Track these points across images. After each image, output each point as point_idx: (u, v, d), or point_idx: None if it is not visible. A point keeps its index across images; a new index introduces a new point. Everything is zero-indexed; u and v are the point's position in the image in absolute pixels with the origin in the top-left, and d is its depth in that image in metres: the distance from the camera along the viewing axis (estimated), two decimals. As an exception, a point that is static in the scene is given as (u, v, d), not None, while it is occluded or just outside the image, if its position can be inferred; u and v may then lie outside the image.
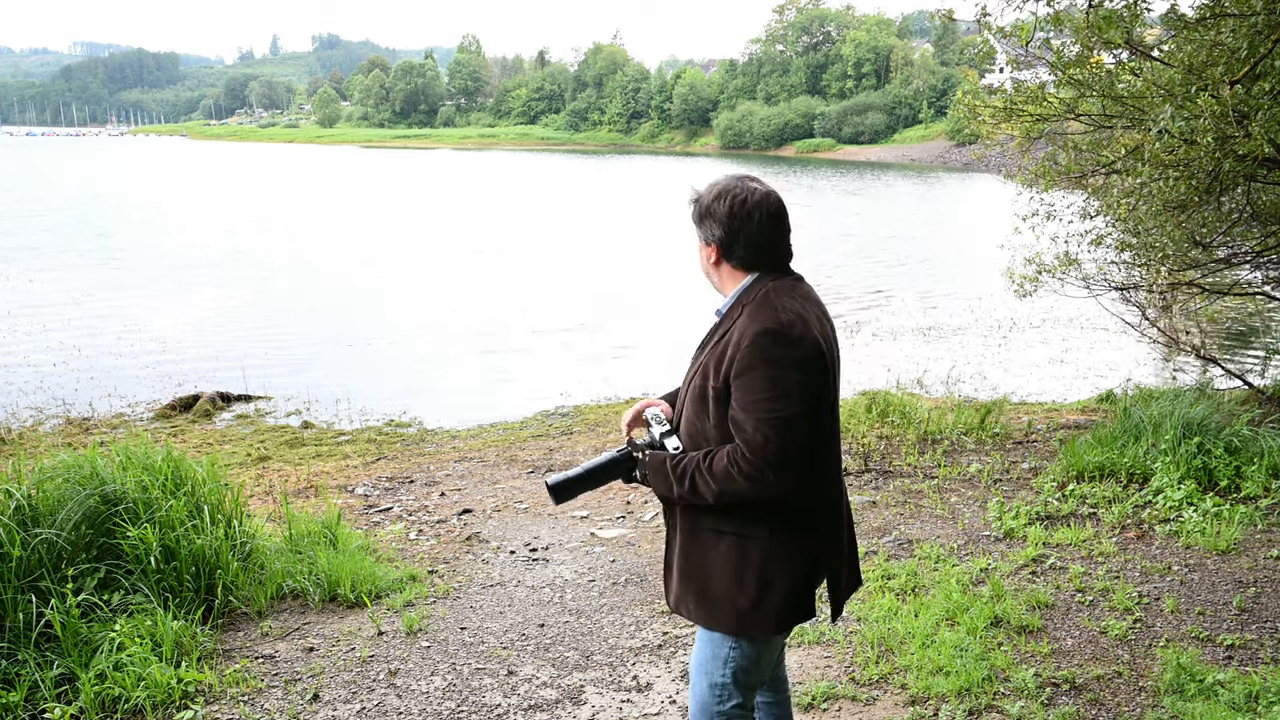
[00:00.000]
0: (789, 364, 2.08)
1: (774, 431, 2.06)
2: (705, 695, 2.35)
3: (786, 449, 2.07)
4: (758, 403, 2.07)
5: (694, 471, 2.17)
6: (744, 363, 2.09)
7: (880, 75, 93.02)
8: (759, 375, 2.08)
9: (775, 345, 2.08)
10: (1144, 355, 11.48)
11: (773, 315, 2.11)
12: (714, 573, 2.26)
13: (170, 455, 4.36)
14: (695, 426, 2.26)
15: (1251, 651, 3.73)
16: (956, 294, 16.79)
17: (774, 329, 2.09)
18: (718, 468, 2.13)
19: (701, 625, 2.34)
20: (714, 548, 2.26)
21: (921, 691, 3.47)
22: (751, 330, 2.10)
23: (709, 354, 2.22)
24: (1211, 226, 6.58)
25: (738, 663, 2.31)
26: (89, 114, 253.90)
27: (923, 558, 4.75)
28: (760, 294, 2.20)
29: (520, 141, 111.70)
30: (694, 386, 2.25)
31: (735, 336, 2.14)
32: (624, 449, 2.34)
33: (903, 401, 7.68)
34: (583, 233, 27.97)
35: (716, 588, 2.26)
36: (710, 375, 2.18)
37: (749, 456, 2.07)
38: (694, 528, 2.29)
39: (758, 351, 2.08)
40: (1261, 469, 5.41)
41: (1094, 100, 5.58)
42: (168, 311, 15.31)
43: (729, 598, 2.25)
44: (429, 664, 3.81)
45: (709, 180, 2.31)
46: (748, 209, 2.19)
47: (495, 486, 6.61)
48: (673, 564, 2.39)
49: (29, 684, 3.34)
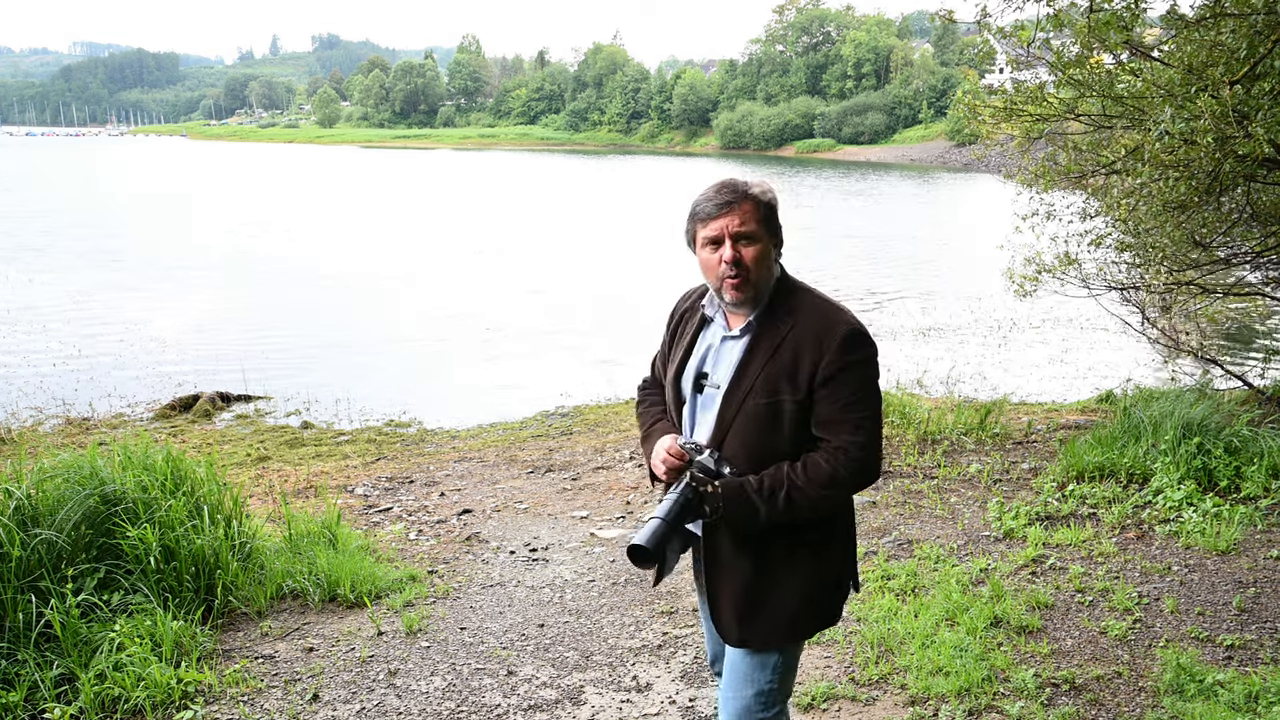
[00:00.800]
0: (873, 361, 2.16)
1: (871, 427, 2.12)
2: (751, 703, 2.29)
3: (879, 441, 2.15)
4: (856, 403, 2.10)
5: (787, 486, 2.09)
6: (837, 366, 2.09)
7: (880, 75, 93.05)
8: (855, 375, 2.11)
9: (864, 345, 2.13)
10: (1144, 355, 11.48)
11: (847, 316, 2.15)
12: (793, 590, 2.22)
13: (170, 455, 4.36)
14: (762, 446, 2.15)
15: (1251, 651, 3.73)
16: (956, 294, 16.79)
17: (860, 330, 2.13)
18: (819, 474, 2.09)
19: (777, 648, 2.27)
20: (787, 564, 2.21)
21: (921, 691, 3.47)
22: (838, 334, 2.10)
23: (768, 369, 2.13)
24: (1211, 227, 6.58)
25: (784, 668, 2.29)
26: (89, 114, 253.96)
27: (922, 558, 4.75)
28: (802, 299, 2.18)
29: (520, 142, 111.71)
30: (756, 407, 2.14)
31: (808, 343, 2.11)
32: (689, 485, 2.12)
33: (903, 401, 7.68)
34: (583, 233, 27.97)
35: (798, 604, 2.23)
36: (784, 389, 2.11)
37: (855, 454, 2.09)
38: (763, 555, 2.21)
39: (851, 353, 2.10)
40: (1261, 469, 5.41)
41: (1094, 100, 5.58)
42: (168, 311, 15.31)
43: (808, 607, 2.24)
44: (429, 664, 3.81)
45: (732, 180, 2.19)
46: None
47: (495, 486, 6.61)
48: (737, 597, 2.24)
49: (29, 684, 3.34)
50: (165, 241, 24.28)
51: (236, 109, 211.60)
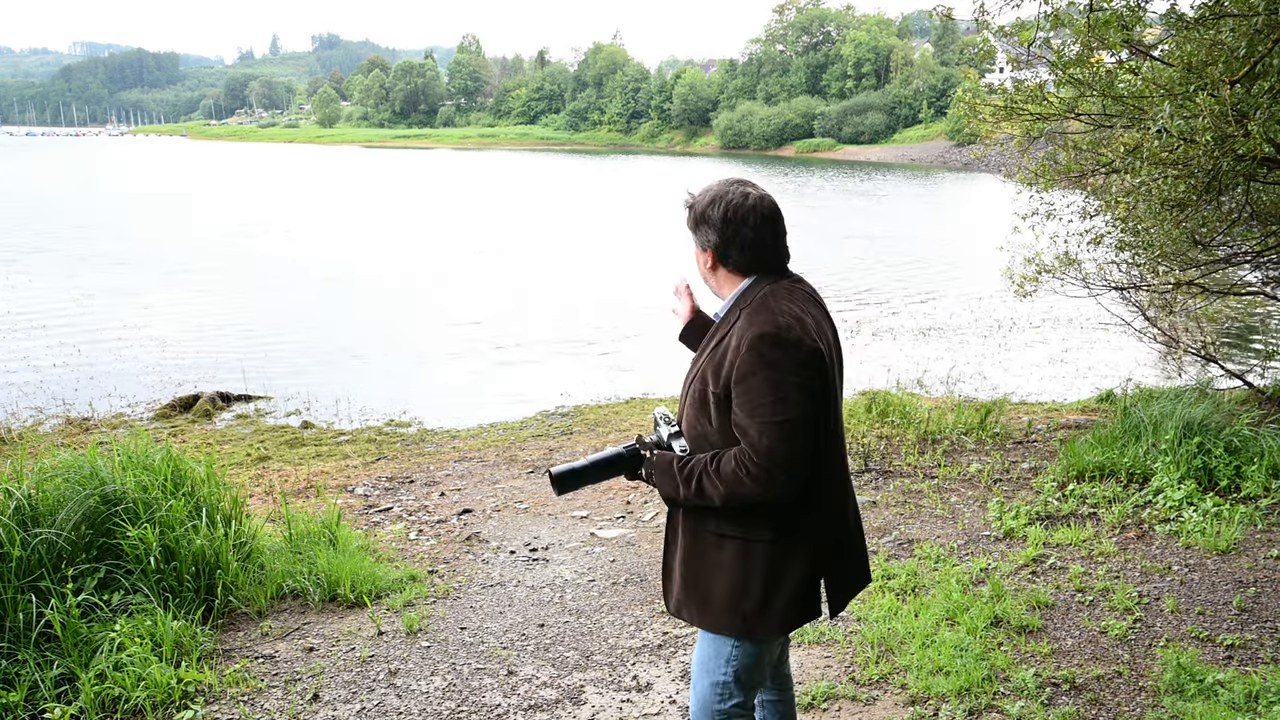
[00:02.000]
0: (788, 367, 2.08)
1: (779, 435, 2.06)
2: (707, 694, 2.35)
3: (792, 452, 2.07)
4: (760, 407, 2.08)
5: (701, 473, 2.17)
6: (744, 368, 2.09)
7: (880, 75, 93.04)
8: (759, 380, 2.08)
9: (773, 349, 2.07)
10: (1144, 355, 11.48)
11: (770, 319, 2.11)
12: (717, 577, 2.26)
13: (170, 455, 4.36)
14: (697, 429, 2.26)
15: (1251, 651, 3.73)
16: (956, 294, 16.79)
17: (771, 333, 2.08)
18: (725, 470, 2.13)
19: (704, 629, 2.34)
20: (717, 551, 2.25)
21: (921, 691, 3.47)
22: (749, 335, 2.10)
23: (707, 358, 2.23)
24: (1211, 226, 6.57)
25: (740, 662, 2.31)
26: (89, 114, 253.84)
27: (923, 558, 4.75)
28: (758, 297, 2.19)
29: (520, 141, 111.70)
30: (694, 391, 2.26)
31: (734, 341, 2.14)
32: (631, 445, 2.32)
33: (903, 401, 7.68)
34: (583, 233, 27.97)
35: (720, 592, 2.25)
36: (710, 380, 2.19)
37: (756, 460, 2.08)
38: (697, 531, 2.29)
39: (757, 356, 2.08)
40: (1261, 469, 5.41)
41: (1094, 100, 5.58)
42: (168, 311, 15.30)
43: (733, 602, 2.24)
44: (429, 664, 3.81)
45: (703, 185, 2.31)
46: (741, 214, 2.19)
47: (495, 486, 6.61)
48: (674, 568, 2.38)
49: (29, 684, 3.34)
50: (166, 242, 24.27)
51: (236, 109, 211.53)
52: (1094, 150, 6.17)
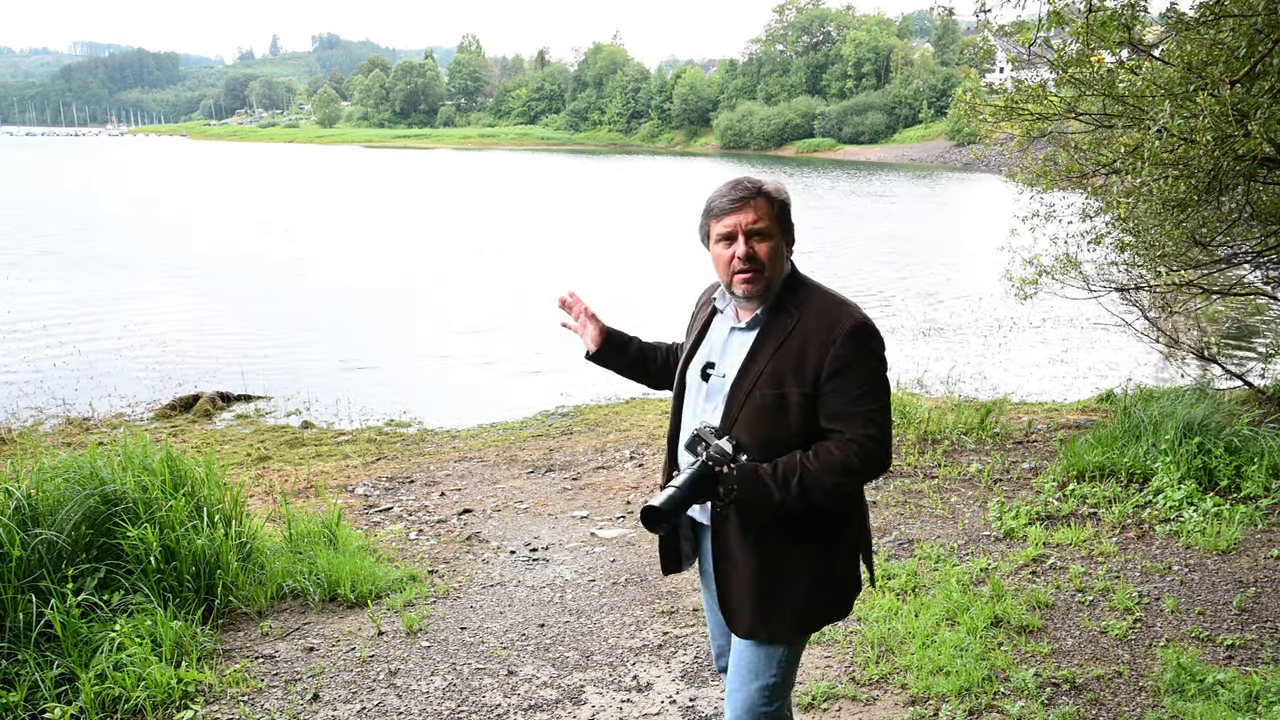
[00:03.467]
0: (881, 355, 2.19)
1: (882, 418, 2.15)
2: (755, 698, 2.31)
3: (889, 432, 2.19)
4: (864, 395, 2.13)
5: (800, 472, 2.11)
6: (845, 359, 2.13)
7: (880, 75, 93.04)
8: (861, 368, 2.14)
9: (872, 339, 2.17)
10: (1144, 355, 11.47)
11: (855, 310, 2.19)
12: (798, 584, 2.23)
13: (170, 455, 4.36)
14: (768, 437, 2.16)
15: (1251, 651, 3.73)
16: (956, 294, 16.78)
17: (867, 323, 2.17)
18: (832, 461, 2.11)
19: (786, 643, 2.29)
20: (795, 558, 2.23)
21: (921, 691, 3.47)
22: (845, 328, 2.14)
23: (774, 362, 2.17)
24: (1211, 226, 6.57)
25: (788, 660, 2.32)
26: (89, 114, 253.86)
27: (923, 558, 4.75)
28: (810, 294, 2.23)
29: (520, 141, 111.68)
30: (764, 398, 2.16)
31: (815, 336, 2.15)
32: (704, 463, 2.13)
33: (903, 401, 7.68)
34: (583, 233, 27.96)
35: (799, 599, 2.24)
36: (790, 382, 2.15)
37: (868, 446, 2.11)
38: (767, 545, 2.22)
39: (859, 347, 2.14)
40: (1261, 469, 5.41)
41: (1094, 99, 5.57)
42: (168, 312, 15.30)
43: (814, 601, 2.26)
44: (429, 664, 3.81)
45: (747, 179, 2.25)
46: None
47: (495, 486, 6.61)
48: (741, 591, 2.26)
49: (29, 684, 3.34)
50: (166, 242, 24.27)
51: (236, 109, 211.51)
52: (1094, 150, 6.17)
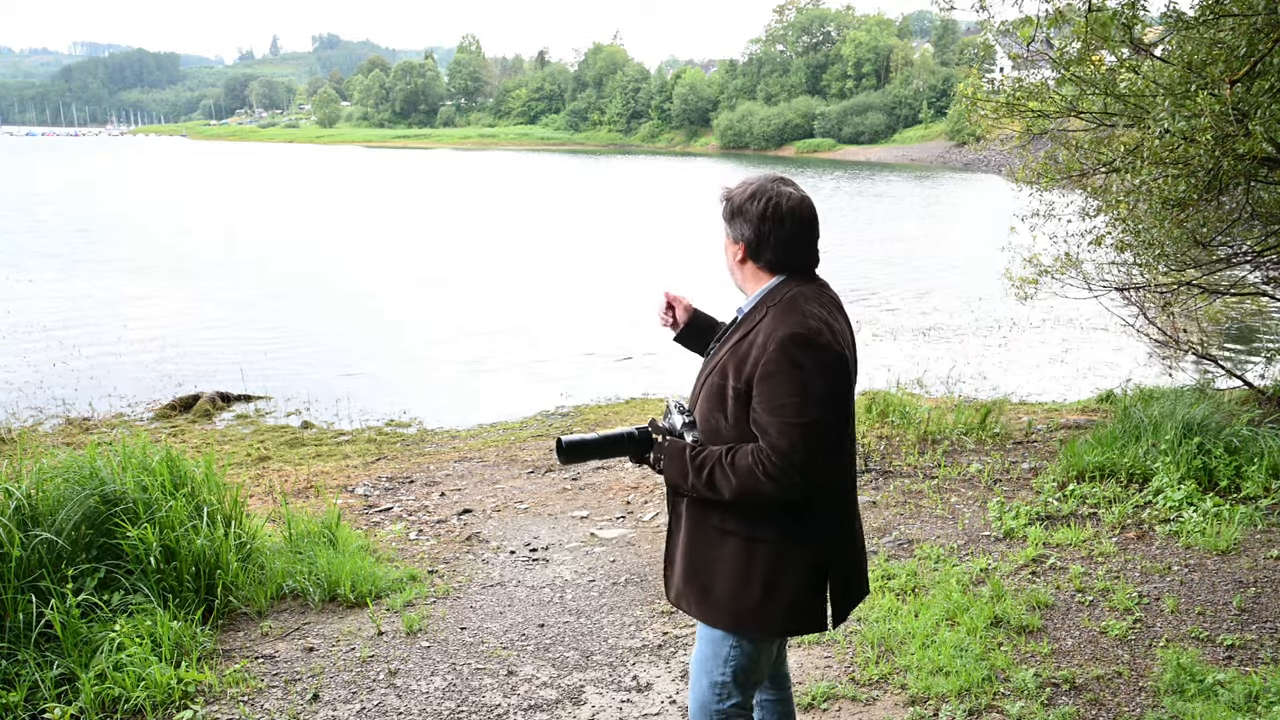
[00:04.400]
0: (815, 370, 2.09)
1: (800, 436, 2.06)
2: (705, 693, 2.36)
3: (811, 454, 2.07)
4: (783, 407, 2.08)
5: (715, 465, 2.15)
6: (770, 367, 2.09)
7: (880, 75, 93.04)
8: (785, 380, 2.08)
9: (802, 351, 2.08)
10: (1144, 355, 11.48)
11: (800, 321, 2.12)
12: (718, 572, 2.26)
13: (170, 455, 4.36)
14: (711, 423, 2.25)
15: (1251, 651, 3.73)
16: (956, 294, 16.78)
17: (801, 334, 2.09)
18: (741, 465, 2.12)
19: (702, 622, 2.34)
20: (720, 546, 2.25)
21: (921, 691, 3.47)
22: (778, 335, 2.10)
23: (729, 353, 2.21)
24: (1212, 226, 6.57)
25: (738, 661, 2.31)
26: (89, 114, 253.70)
27: (923, 558, 4.74)
28: (786, 298, 2.19)
29: (520, 141, 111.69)
30: (711, 384, 2.24)
31: (760, 339, 2.14)
32: (643, 427, 2.30)
33: (903, 401, 7.68)
34: (583, 233, 27.96)
35: (720, 587, 2.25)
36: (730, 375, 2.18)
37: (774, 459, 2.07)
38: (700, 524, 2.28)
39: (784, 356, 2.08)
40: (1261, 469, 5.41)
41: (1095, 98, 5.57)
42: (168, 311, 15.30)
43: (732, 598, 2.24)
44: (429, 664, 3.81)
45: (742, 178, 2.28)
46: (781, 213, 2.20)
47: (495, 486, 6.61)
48: (675, 559, 2.38)
49: (29, 684, 3.34)
50: (166, 242, 24.27)
51: (236, 109, 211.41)
52: (1095, 149, 6.17)
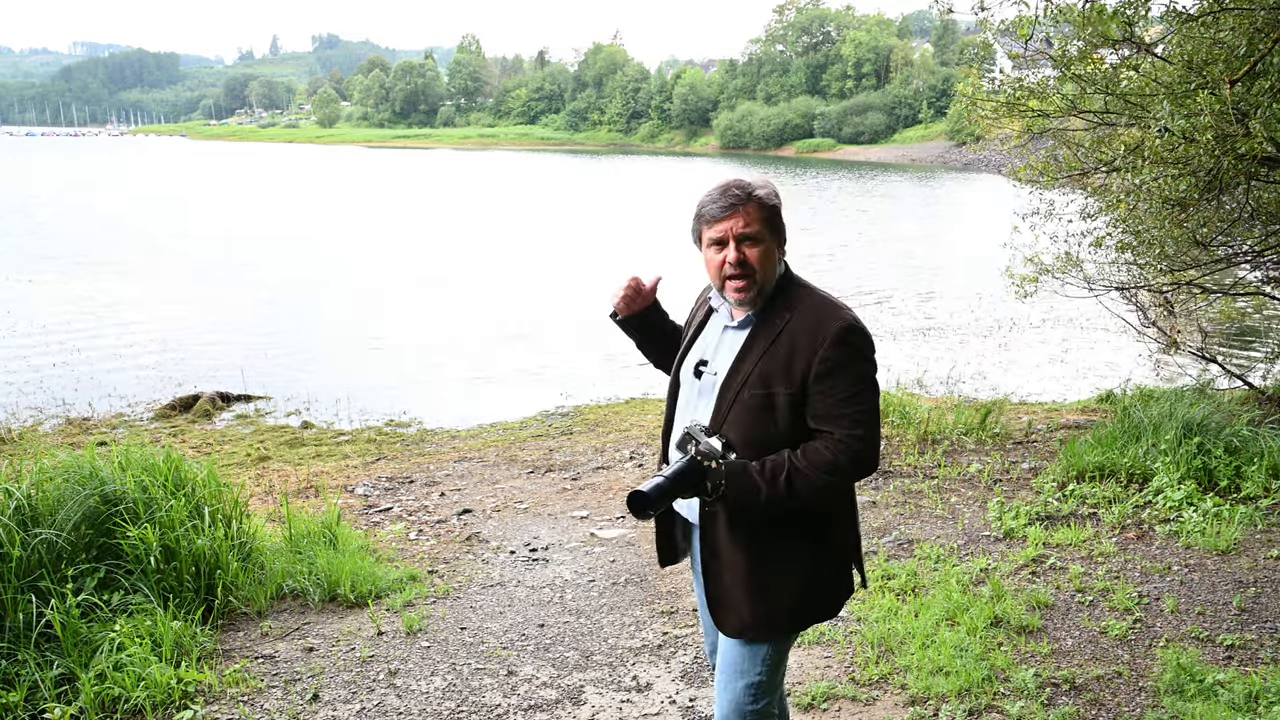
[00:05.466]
0: (869, 356, 2.18)
1: (871, 419, 2.14)
2: (741, 696, 2.32)
3: (878, 433, 2.16)
4: (853, 397, 2.12)
5: (789, 470, 2.11)
6: (833, 362, 2.12)
7: (880, 75, 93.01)
8: (851, 369, 2.13)
9: (860, 339, 2.16)
10: (1144, 355, 11.47)
11: (843, 312, 2.19)
12: (789, 586, 2.24)
13: (170, 455, 4.36)
14: (756, 435, 2.18)
15: (1251, 651, 3.73)
16: (956, 294, 16.78)
17: (856, 325, 2.16)
18: (820, 460, 2.11)
19: (771, 641, 2.29)
20: (790, 562, 2.24)
21: (921, 691, 3.47)
22: (834, 329, 2.13)
23: (763, 362, 2.17)
24: (1212, 226, 6.57)
25: (773, 659, 2.32)
26: (89, 114, 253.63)
27: (923, 558, 4.74)
28: (802, 295, 2.23)
29: (520, 141, 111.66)
30: (751, 398, 2.17)
31: (803, 338, 2.14)
32: (692, 458, 2.14)
33: (903, 401, 7.68)
34: (584, 233, 27.96)
35: (789, 598, 2.25)
36: (779, 382, 2.15)
37: (855, 447, 2.11)
38: (756, 544, 2.23)
39: (847, 349, 2.13)
40: (1261, 469, 5.41)
41: (1096, 97, 5.57)
42: (168, 312, 15.29)
43: (802, 603, 2.27)
44: (429, 664, 3.81)
45: (741, 180, 2.24)
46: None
47: (495, 486, 6.61)
48: (731, 589, 2.27)
49: (29, 684, 3.35)
50: (166, 243, 24.27)
51: (236, 109, 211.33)
52: (1095, 148, 6.17)
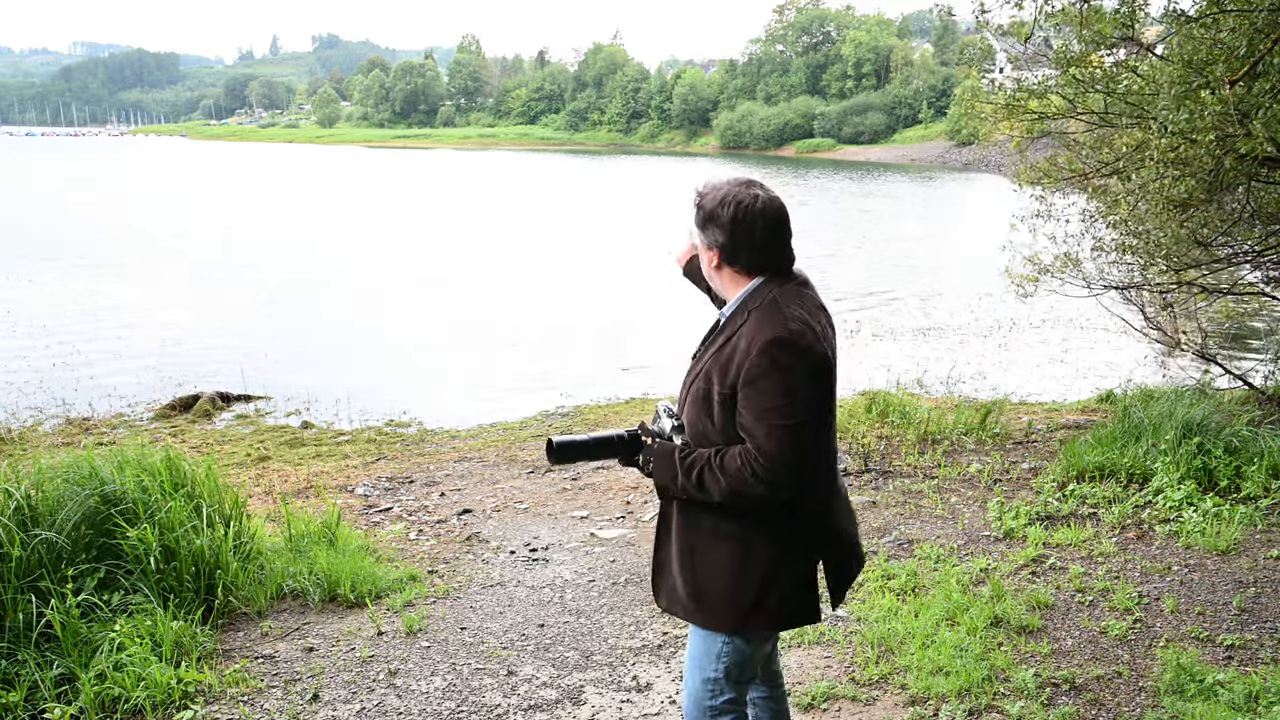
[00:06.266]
0: (799, 372, 2.11)
1: (787, 438, 2.08)
2: (699, 690, 2.38)
3: (799, 455, 2.10)
4: (770, 410, 2.09)
5: (704, 467, 2.17)
6: (754, 370, 2.10)
7: (880, 75, 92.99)
8: (770, 383, 2.10)
9: (785, 354, 2.10)
10: (1144, 355, 11.47)
11: (782, 323, 2.13)
12: (714, 574, 2.27)
13: (169, 455, 4.36)
14: (698, 428, 2.26)
15: (1251, 651, 3.73)
16: (956, 294, 16.78)
17: (784, 337, 2.10)
18: (730, 467, 2.13)
19: (698, 625, 2.35)
20: (714, 549, 2.27)
21: (921, 691, 3.47)
22: (761, 338, 2.11)
23: (713, 358, 2.22)
24: (1212, 226, 6.57)
25: (731, 658, 2.33)
26: (89, 114, 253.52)
27: (923, 558, 4.74)
28: (767, 300, 2.20)
29: (520, 142, 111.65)
30: (696, 389, 2.25)
31: (743, 343, 2.15)
32: (632, 430, 2.32)
33: (903, 401, 7.68)
34: (584, 233, 27.96)
35: (716, 589, 2.27)
36: (715, 380, 2.19)
37: (763, 461, 2.09)
38: (692, 529, 2.30)
39: (768, 360, 2.10)
40: (1261, 469, 5.41)
41: (1096, 98, 5.57)
42: (168, 312, 15.29)
43: (728, 598, 2.26)
44: (429, 664, 3.81)
45: (709, 180, 2.29)
46: (750, 217, 2.20)
47: (495, 486, 6.61)
48: (667, 565, 2.38)
49: (29, 684, 3.34)
50: (166, 243, 24.27)
51: (236, 109, 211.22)
52: (1096, 149, 6.17)
